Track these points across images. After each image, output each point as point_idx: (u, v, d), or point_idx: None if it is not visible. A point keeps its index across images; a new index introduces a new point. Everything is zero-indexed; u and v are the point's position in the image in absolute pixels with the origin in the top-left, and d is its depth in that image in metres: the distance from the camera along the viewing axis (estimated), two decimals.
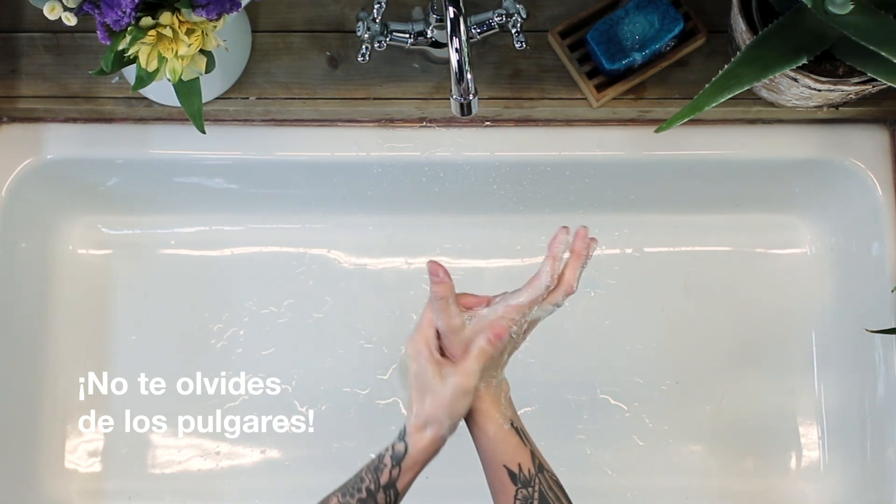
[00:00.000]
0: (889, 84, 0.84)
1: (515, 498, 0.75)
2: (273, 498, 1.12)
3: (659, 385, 1.15)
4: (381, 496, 0.75)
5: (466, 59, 0.81)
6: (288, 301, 1.16)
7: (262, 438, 1.13)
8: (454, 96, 0.83)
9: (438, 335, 0.78)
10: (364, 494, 0.74)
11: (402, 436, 0.77)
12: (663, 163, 1.06)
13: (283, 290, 1.16)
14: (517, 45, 0.91)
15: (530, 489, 0.75)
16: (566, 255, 0.78)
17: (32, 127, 1.03)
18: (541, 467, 0.76)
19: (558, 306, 0.78)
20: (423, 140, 1.04)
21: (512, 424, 0.78)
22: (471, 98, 0.82)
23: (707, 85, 0.83)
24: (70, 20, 0.74)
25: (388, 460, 0.76)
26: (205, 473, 1.13)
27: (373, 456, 0.77)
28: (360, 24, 0.91)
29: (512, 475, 0.75)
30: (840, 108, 1.00)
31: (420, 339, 0.77)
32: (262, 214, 1.16)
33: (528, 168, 1.07)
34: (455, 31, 0.80)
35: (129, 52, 0.76)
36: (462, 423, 0.78)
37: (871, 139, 1.03)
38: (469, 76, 0.81)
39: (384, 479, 0.75)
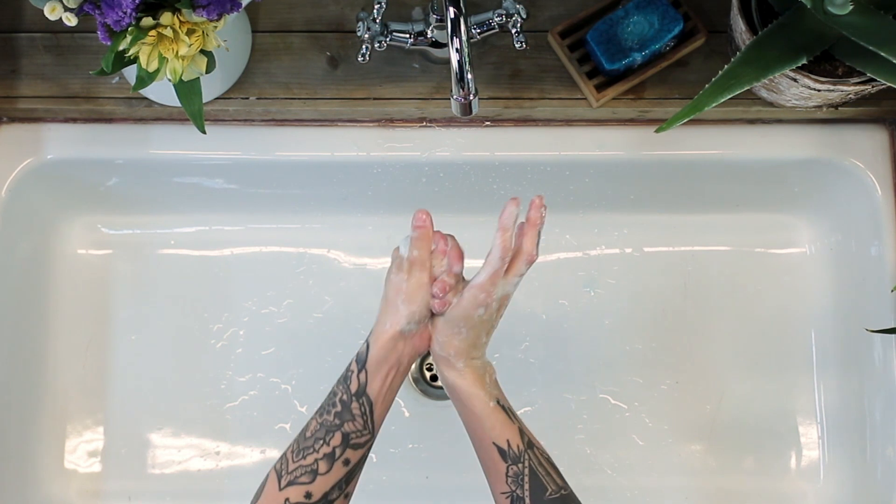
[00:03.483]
0: (889, 84, 0.84)
1: (506, 475, 0.75)
2: None
3: (659, 385, 1.15)
4: (354, 406, 0.75)
5: (467, 59, 0.81)
6: (288, 301, 1.16)
7: (262, 438, 1.13)
8: (454, 96, 0.83)
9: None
10: (339, 408, 0.74)
11: (366, 340, 0.77)
12: (663, 163, 1.06)
13: (283, 290, 1.16)
14: (517, 45, 0.91)
15: (520, 465, 0.75)
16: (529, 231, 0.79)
17: (32, 127, 1.03)
18: (530, 444, 0.76)
19: (521, 276, 0.78)
20: (423, 140, 1.04)
21: (498, 402, 0.78)
22: (471, 98, 0.82)
23: (707, 85, 0.84)
24: (70, 20, 0.74)
25: (353, 366, 0.76)
26: (205, 473, 1.13)
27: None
28: (360, 24, 0.91)
29: (501, 452, 0.75)
30: (839, 108, 1.00)
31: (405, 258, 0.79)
32: (261, 214, 1.16)
33: (528, 168, 1.07)
34: (455, 31, 0.80)
35: (130, 52, 0.76)
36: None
37: (870, 139, 1.03)
38: (469, 76, 0.81)
39: (353, 386, 0.75)
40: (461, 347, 0.77)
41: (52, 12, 0.74)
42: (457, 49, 0.80)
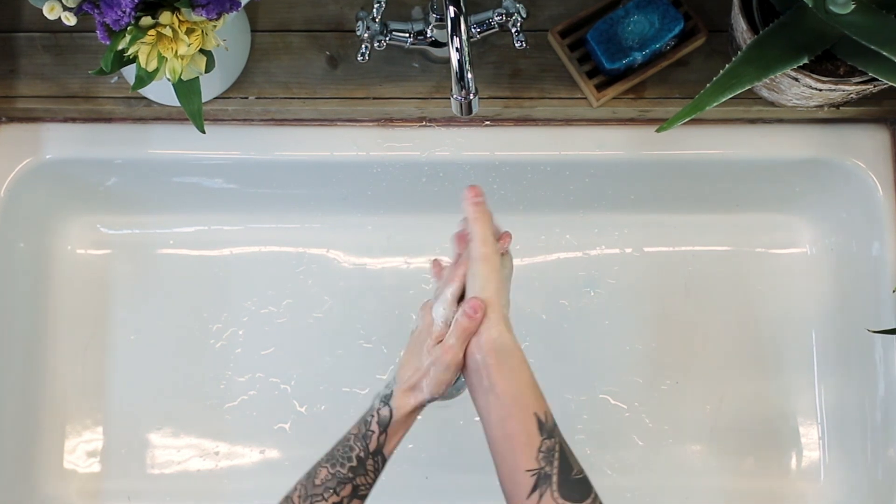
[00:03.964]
0: (890, 84, 0.84)
1: (539, 450, 0.71)
2: (273, 498, 1.11)
3: (659, 385, 1.15)
4: (370, 463, 0.74)
5: (467, 59, 0.80)
6: (287, 301, 1.16)
7: (262, 438, 1.13)
8: (454, 96, 0.82)
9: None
10: (354, 462, 0.74)
11: (387, 400, 0.76)
12: (663, 163, 1.06)
13: (283, 290, 1.16)
14: (517, 45, 0.91)
15: (553, 440, 0.72)
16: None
17: (31, 127, 1.03)
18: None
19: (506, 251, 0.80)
20: (422, 140, 1.04)
21: None
22: (471, 97, 0.82)
23: (708, 84, 0.83)
24: (69, 20, 0.74)
25: (375, 426, 0.75)
26: (204, 473, 1.13)
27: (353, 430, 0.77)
28: (359, 23, 0.91)
29: (539, 423, 0.72)
30: (841, 108, 1.00)
31: (429, 307, 0.77)
32: (261, 214, 1.16)
33: (528, 168, 1.07)
34: (455, 30, 0.80)
35: (129, 51, 0.76)
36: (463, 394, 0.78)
37: (871, 139, 1.03)
38: (469, 76, 0.81)
39: (373, 445, 0.75)
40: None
41: (50, 12, 0.74)
42: (457, 48, 0.80)
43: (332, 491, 0.73)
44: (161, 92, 0.97)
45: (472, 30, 0.91)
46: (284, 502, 0.74)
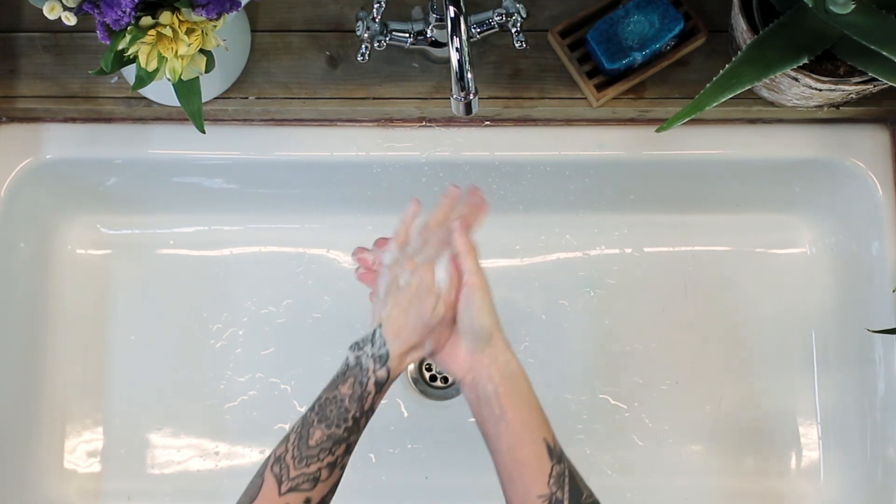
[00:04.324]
0: (890, 84, 0.84)
1: (550, 475, 0.71)
2: None
3: (659, 385, 1.15)
4: (363, 422, 0.75)
5: (467, 59, 0.80)
6: (287, 301, 1.16)
7: (262, 438, 1.13)
8: (454, 96, 0.82)
9: None
10: (350, 423, 0.74)
11: (384, 360, 0.75)
12: (663, 163, 1.06)
13: (283, 290, 1.16)
14: (517, 45, 0.91)
15: (563, 465, 0.72)
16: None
17: (31, 127, 1.03)
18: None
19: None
20: (422, 140, 1.04)
21: None
22: (471, 97, 0.82)
23: (708, 84, 0.83)
24: (70, 20, 0.74)
25: (371, 387, 0.74)
26: (204, 473, 1.13)
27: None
28: (359, 23, 0.91)
29: (549, 449, 0.72)
30: (841, 108, 1.00)
31: (411, 262, 0.78)
32: (261, 214, 1.16)
33: (527, 168, 1.07)
34: (455, 30, 0.80)
35: (129, 51, 0.76)
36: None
37: (871, 139, 1.03)
38: (469, 76, 0.81)
39: (367, 405, 0.74)
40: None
41: (51, 11, 0.74)
42: (457, 48, 0.80)
43: (327, 451, 0.73)
44: (161, 92, 0.97)
45: (472, 30, 0.91)
46: (277, 463, 0.73)
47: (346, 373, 0.76)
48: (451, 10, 0.79)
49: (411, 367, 1.15)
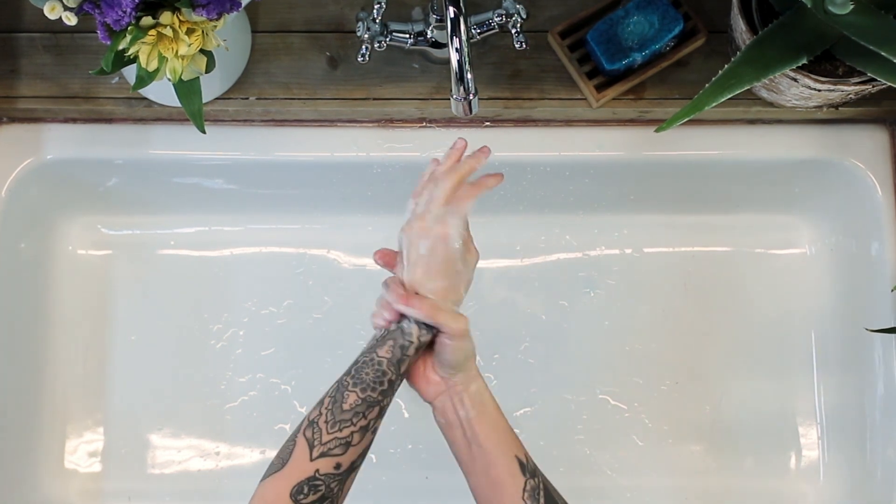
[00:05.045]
0: (889, 84, 0.84)
1: (524, 489, 0.73)
2: None
3: (659, 385, 1.15)
4: (397, 383, 0.75)
5: (466, 59, 0.81)
6: (287, 301, 1.16)
7: (262, 438, 1.13)
8: (454, 96, 0.83)
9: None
10: (386, 386, 0.73)
11: (430, 326, 0.74)
12: (663, 163, 1.06)
13: (283, 291, 1.16)
14: (517, 46, 0.91)
15: (536, 479, 0.74)
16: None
17: (32, 127, 1.03)
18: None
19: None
20: (422, 140, 1.04)
21: None
22: (471, 98, 0.82)
23: (707, 85, 0.84)
24: (70, 20, 0.74)
25: (412, 351, 0.74)
26: (205, 473, 1.13)
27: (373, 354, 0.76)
28: (359, 24, 0.91)
29: (521, 465, 0.74)
30: (840, 108, 1.00)
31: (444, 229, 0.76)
32: (261, 215, 1.16)
33: (527, 168, 1.07)
34: (455, 31, 0.80)
35: (130, 51, 0.76)
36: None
37: (870, 139, 1.03)
38: (469, 76, 0.81)
39: (404, 368, 0.75)
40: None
41: (51, 11, 0.74)
42: (457, 49, 0.80)
43: (361, 415, 0.72)
44: (161, 92, 0.97)
45: (472, 30, 0.91)
46: (310, 427, 0.72)
47: (385, 337, 0.76)
48: (451, 11, 0.79)
49: None
